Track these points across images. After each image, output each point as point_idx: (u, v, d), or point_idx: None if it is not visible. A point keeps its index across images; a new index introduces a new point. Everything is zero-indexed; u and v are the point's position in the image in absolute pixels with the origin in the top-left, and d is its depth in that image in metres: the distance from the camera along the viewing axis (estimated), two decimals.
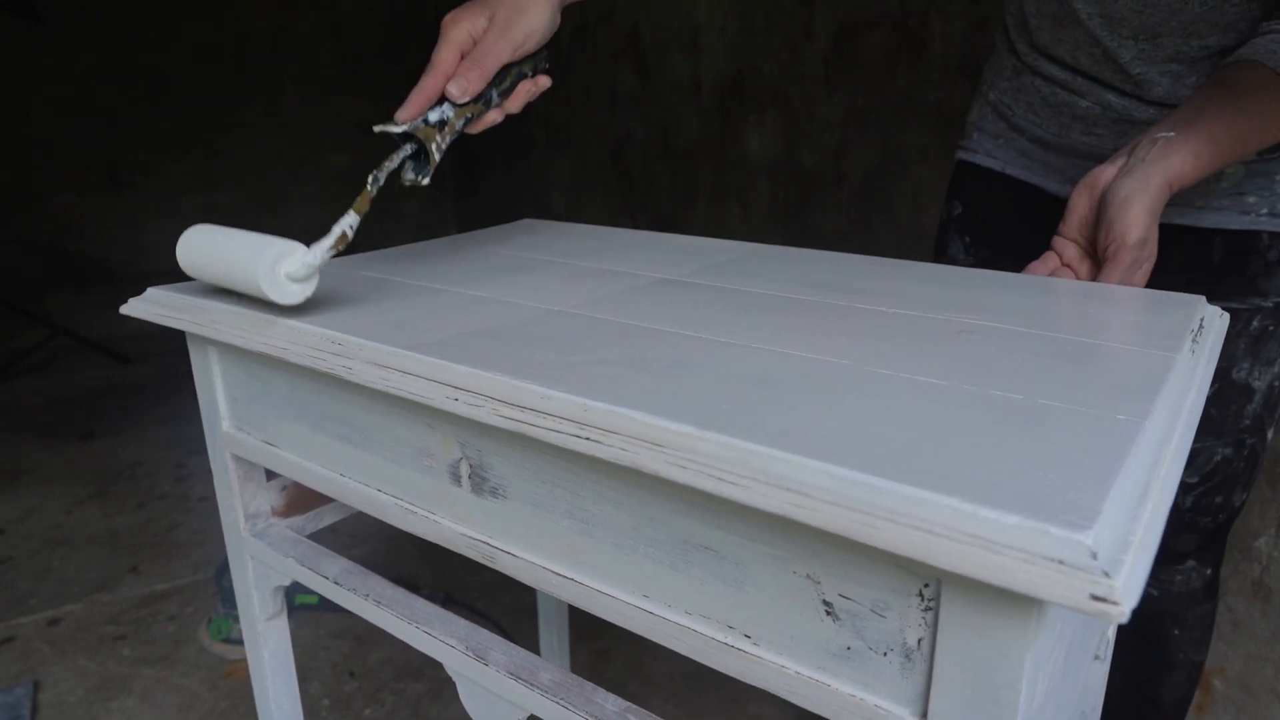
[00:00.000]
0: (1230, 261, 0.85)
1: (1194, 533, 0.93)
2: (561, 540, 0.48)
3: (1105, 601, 0.28)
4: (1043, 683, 0.38)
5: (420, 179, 0.65)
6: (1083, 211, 0.72)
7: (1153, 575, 0.95)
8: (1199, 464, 0.90)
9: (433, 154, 0.64)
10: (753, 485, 0.35)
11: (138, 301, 0.65)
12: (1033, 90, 0.93)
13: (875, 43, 2.05)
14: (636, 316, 0.57)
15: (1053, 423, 0.39)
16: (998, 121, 0.99)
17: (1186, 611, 0.97)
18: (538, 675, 0.54)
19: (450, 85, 0.64)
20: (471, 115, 0.67)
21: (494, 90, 0.68)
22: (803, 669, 0.40)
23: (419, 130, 0.63)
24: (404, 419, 0.53)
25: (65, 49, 3.19)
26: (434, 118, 0.64)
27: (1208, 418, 0.86)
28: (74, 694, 1.47)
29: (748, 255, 0.77)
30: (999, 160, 0.99)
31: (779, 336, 0.52)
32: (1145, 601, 0.94)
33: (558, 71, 2.34)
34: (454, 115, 0.65)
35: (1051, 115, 0.92)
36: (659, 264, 0.74)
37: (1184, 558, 0.95)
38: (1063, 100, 0.90)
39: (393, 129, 0.63)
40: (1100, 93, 0.87)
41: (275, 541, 0.70)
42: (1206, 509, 0.92)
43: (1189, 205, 0.84)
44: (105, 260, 3.44)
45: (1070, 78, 0.89)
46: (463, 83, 0.64)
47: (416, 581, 1.74)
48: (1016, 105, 0.96)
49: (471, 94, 0.65)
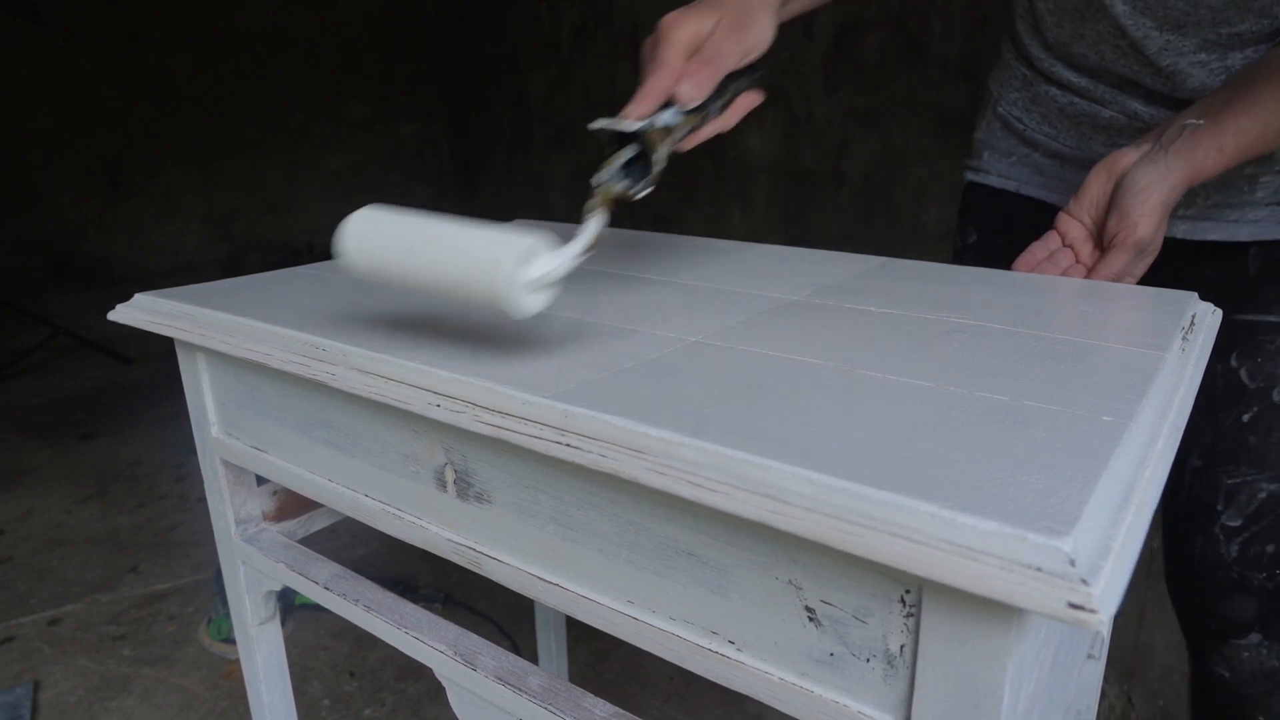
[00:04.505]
0: (1269, 271, 0.79)
1: (1248, 594, 0.80)
2: (546, 546, 0.48)
3: (1083, 609, 0.28)
4: (1027, 687, 0.37)
5: (634, 192, 0.56)
6: (1096, 192, 0.69)
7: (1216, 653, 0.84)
8: (1240, 503, 0.79)
9: (655, 163, 0.56)
10: (731, 492, 0.35)
11: (125, 308, 0.65)
12: (1048, 100, 0.86)
13: (875, 43, 2.05)
14: (618, 319, 0.57)
15: (1037, 424, 0.39)
16: (1008, 138, 0.92)
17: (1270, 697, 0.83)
18: (526, 681, 0.54)
19: (683, 85, 0.57)
20: (690, 127, 0.60)
21: (715, 103, 0.61)
22: (786, 675, 0.40)
23: (650, 132, 0.56)
24: (389, 424, 0.53)
25: (65, 49, 3.19)
26: (661, 121, 0.56)
27: (1246, 446, 0.79)
28: (74, 694, 1.47)
29: (731, 253, 0.77)
30: (1013, 180, 0.92)
31: (762, 337, 0.52)
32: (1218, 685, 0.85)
33: (558, 71, 2.33)
34: (680, 122, 0.58)
35: (1070, 127, 0.86)
36: (649, 264, 0.73)
37: (1245, 630, 0.82)
38: (1082, 110, 0.84)
39: (623, 126, 0.55)
40: (1125, 100, 0.81)
41: (266, 546, 0.70)
42: (1257, 562, 0.79)
43: (1222, 220, 0.79)
44: (105, 260, 3.45)
45: (1090, 84, 0.83)
46: (696, 83, 0.58)
47: (416, 582, 1.74)
48: (1029, 118, 0.89)
49: (703, 97, 0.58)
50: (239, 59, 3.57)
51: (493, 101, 3.67)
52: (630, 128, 0.55)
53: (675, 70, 0.58)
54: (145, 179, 3.47)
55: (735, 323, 0.56)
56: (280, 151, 3.75)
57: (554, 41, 3.16)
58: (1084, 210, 0.70)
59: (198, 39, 3.46)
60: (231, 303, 0.63)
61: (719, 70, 0.59)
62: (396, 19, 3.89)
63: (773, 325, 0.55)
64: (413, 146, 4.10)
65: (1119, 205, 0.66)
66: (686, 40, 0.59)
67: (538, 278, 0.45)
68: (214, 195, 3.64)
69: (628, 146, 0.56)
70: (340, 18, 3.78)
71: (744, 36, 0.60)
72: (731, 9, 0.61)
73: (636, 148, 0.56)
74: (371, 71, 3.89)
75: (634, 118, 0.56)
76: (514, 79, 3.47)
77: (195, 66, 3.48)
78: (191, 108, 3.49)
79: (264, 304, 0.62)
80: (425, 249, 0.46)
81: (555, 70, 3.20)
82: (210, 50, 3.50)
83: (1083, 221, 0.71)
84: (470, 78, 3.79)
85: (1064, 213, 0.72)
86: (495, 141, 3.75)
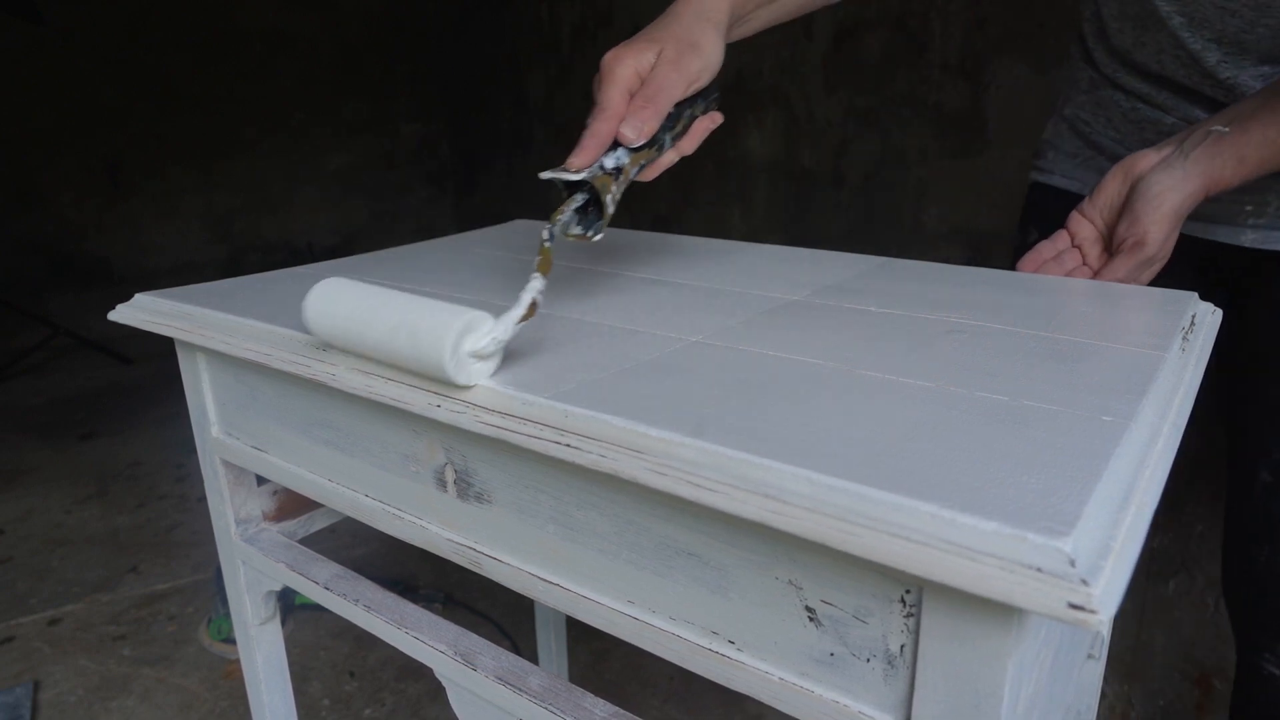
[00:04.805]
0: None
1: None
2: (546, 546, 0.48)
3: (1083, 610, 0.28)
4: (1028, 687, 0.37)
5: (591, 235, 0.58)
6: (1111, 193, 0.68)
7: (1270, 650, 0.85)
8: None
9: (607, 205, 0.57)
10: (731, 492, 0.35)
11: (126, 308, 0.65)
12: (1112, 105, 0.86)
13: (875, 43, 2.05)
14: (618, 319, 0.57)
15: (1037, 424, 0.39)
16: (1074, 139, 0.91)
17: None
18: (526, 681, 0.54)
19: (624, 128, 0.57)
20: (645, 161, 0.60)
21: (666, 134, 0.61)
22: (786, 675, 0.40)
23: (596, 178, 0.56)
24: (389, 424, 0.53)
25: (65, 49, 3.19)
26: (609, 164, 0.57)
27: None
28: (74, 694, 1.47)
29: (732, 253, 0.77)
30: (1077, 181, 0.91)
31: (763, 337, 0.52)
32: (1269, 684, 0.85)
33: (558, 71, 2.33)
34: (629, 161, 0.58)
35: (1134, 131, 0.84)
36: (644, 263, 0.73)
37: None
38: (1146, 116, 0.83)
39: (567, 176, 0.56)
40: (1187, 107, 0.79)
41: (266, 546, 0.70)
42: None
43: None
44: (105, 260, 3.45)
45: (1153, 91, 0.81)
46: (637, 124, 0.57)
47: (416, 582, 1.74)
48: (1095, 121, 0.88)
49: (647, 135, 0.58)
50: (239, 59, 3.57)
51: (493, 101, 3.67)
52: (572, 177, 0.56)
53: (616, 111, 0.57)
54: (145, 179, 3.47)
55: (735, 323, 0.56)
56: (280, 151, 3.75)
57: (554, 41, 3.16)
58: (1097, 211, 0.69)
59: (198, 39, 3.46)
60: (231, 303, 0.63)
61: (663, 105, 0.58)
62: (396, 19, 3.89)
63: (773, 325, 0.55)
64: (412, 146, 4.10)
65: (1131, 209, 0.66)
66: (627, 78, 0.58)
67: (479, 349, 0.46)
68: (214, 195, 3.64)
69: (577, 194, 0.57)
70: (340, 18, 3.78)
71: (687, 66, 0.59)
72: (673, 38, 0.60)
73: (585, 195, 0.57)
74: (371, 71, 3.89)
75: (575, 168, 0.56)
76: (514, 79, 3.47)
77: (195, 66, 3.48)
78: (191, 108, 3.49)
79: (264, 304, 0.62)
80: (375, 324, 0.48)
81: (555, 70, 3.20)
82: (210, 50, 3.50)
83: (1094, 222, 0.70)
84: (470, 78, 3.79)
85: (1076, 211, 0.71)
86: (495, 141, 3.74)
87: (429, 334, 0.45)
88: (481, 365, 0.47)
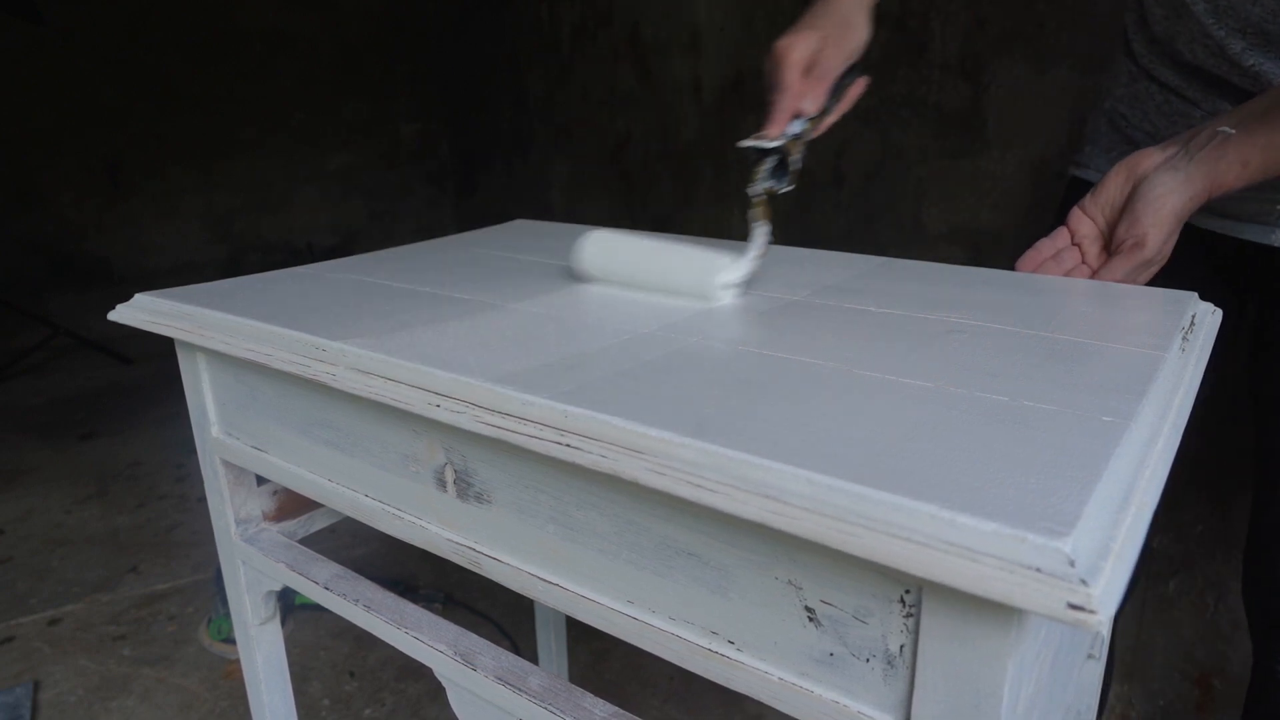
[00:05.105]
0: None
1: None
2: (546, 546, 0.48)
3: (1083, 610, 0.28)
4: (1027, 687, 0.37)
5: (781, 188, 0.72)
6: (1113, 191, 0.68)
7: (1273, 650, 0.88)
8: None
9: (792, 164, 0.72)
10: (731, 492, 0.35)
11: (126, 308, 0.65)
12: (1148, 98, 0.86)
13: (875, 43, 2.05)
14: (618, 319, 0.57)
15: (1037, 424, 0.39)
16: (1112, 133, 0.91)
17: None
18: (526, 681, 0.54)
19: (805, 102, 0.72)
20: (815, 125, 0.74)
21: (832, 101, 0.75)
22: (786, 675, 0.40)
23: (788, 142, 0.71)
24: (389, 425, 0.53)
25: (65, 49, 3.19)
26: (793, 130, 0.71)
27: None
28: (74, 694, 1.47)
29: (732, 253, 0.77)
30: None
31: (763, 337, 0.52)
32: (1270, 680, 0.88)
33: (558, 70, 2.33)
34: (808, 127, 0.73)
35: (1168, 126, 0.84)
36: None
37: None
38: (1178, 109, 0.83)
39: (765, 144, 0.70)
40: (1215, 101, 0.79)
41: (266, 546, 0.70)
42: None
43: None
44: (105, 260, 3.44)
45: (1185, 83, 0.81)
46: (815, 98, 0.72)
47: (416, 582, 1.74)
48: (1132, 114, 0.88)
49: (821, 107, 0.73)
50: (239, 59, 3.57)
51: (493, 101, 3.67)
52: (771, 144, 0.70)
53: (796, 90, 0.71)
54: (145, 179, 3.47)
55: (735, 323, 0.56)
56: (280, 151, 3.75)
57: (554, 41, 3.16)
58: (1098, 208, 0.69)
59: (198, 39, 3.46)
60: (231, 303, 0.63)
61: (831, 81, 0.73)
62: (396, 19, 3.89)
63: (772, 325, 0.55)
64: (412, 147, 4.09)
65: (1131, 210, 0.65)
66: (799, 62, 0.72)
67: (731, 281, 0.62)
68: (214, 195, 3.64)
69: (769, 157, 0.70)
70: (340, 18, 3.78)
71: (847, 46, 0.74)
72: (833, 23, 0.74)
73: (776, 157, 0.71)
74: (371, 71, 3.89)
75: (773, 136, 0.70)
76: (514, 79, 3.47)
77: (195, 66, 3.47)
78: (191, 108, 3.49)
79: (264, 304, 0.62)
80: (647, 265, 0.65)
81: (555, 70, 3.20)
82: (210, 50, 3.50)
83: (1095, 219, 0.70)
84: (470, 78, 3.78)
85: (1077, 207, 0.70)
86: (495, 141, 3.74)
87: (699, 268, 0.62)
88: (728, 292, 0.62)
